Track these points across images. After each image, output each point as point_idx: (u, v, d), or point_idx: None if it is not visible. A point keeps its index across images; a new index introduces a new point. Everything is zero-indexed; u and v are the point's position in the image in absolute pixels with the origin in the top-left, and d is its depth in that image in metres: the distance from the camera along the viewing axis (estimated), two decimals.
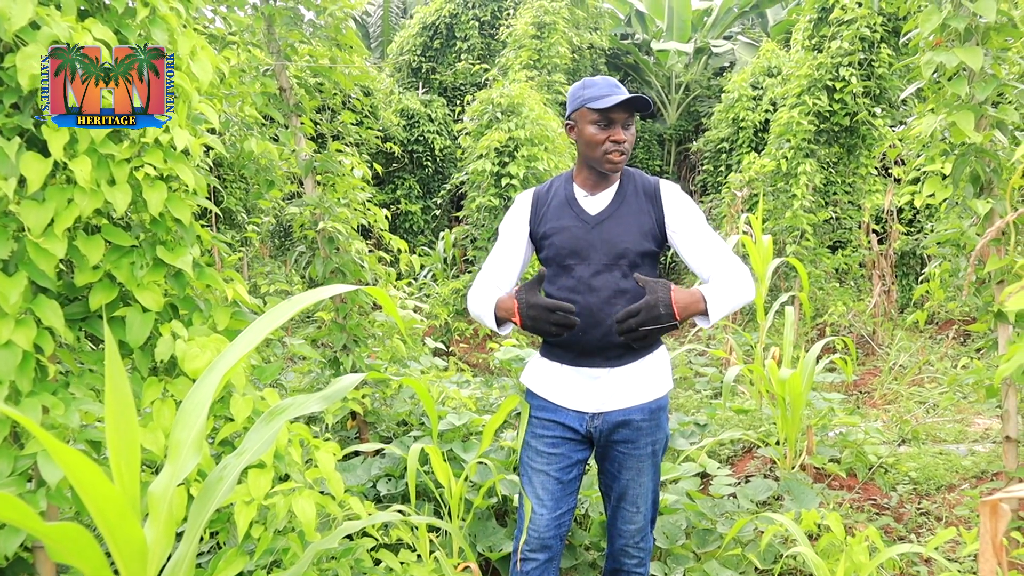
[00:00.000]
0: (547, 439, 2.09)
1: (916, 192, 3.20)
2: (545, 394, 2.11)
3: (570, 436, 2.08)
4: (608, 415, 2.05)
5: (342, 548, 2.10)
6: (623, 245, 2.00)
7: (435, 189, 11.21)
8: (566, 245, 2.04)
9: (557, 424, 2.08)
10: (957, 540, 2.95)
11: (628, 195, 2.07)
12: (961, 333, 6.89)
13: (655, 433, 2.09)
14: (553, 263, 2.08)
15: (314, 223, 3.44)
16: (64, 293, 1.95)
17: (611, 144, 1.98)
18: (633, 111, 1.99)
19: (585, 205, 2.07)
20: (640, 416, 2.05)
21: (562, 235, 2.05)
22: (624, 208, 2.04)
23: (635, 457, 2.08)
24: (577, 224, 2.04)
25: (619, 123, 1.99)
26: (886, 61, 6.95)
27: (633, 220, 2.03)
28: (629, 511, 2.13)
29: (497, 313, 2.03)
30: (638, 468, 2.09)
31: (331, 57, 3.51)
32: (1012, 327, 2.97)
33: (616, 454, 2.09)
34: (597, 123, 1.99)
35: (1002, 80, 2.86)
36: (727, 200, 8.12)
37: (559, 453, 2.08)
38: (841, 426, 4.05)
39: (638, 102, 1.95)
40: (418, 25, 12.44)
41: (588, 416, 2.06)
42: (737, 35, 15.54)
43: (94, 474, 1.03)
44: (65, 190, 1.76)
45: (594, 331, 1.99)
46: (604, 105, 1.94)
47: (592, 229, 2.03)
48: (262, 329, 1.29)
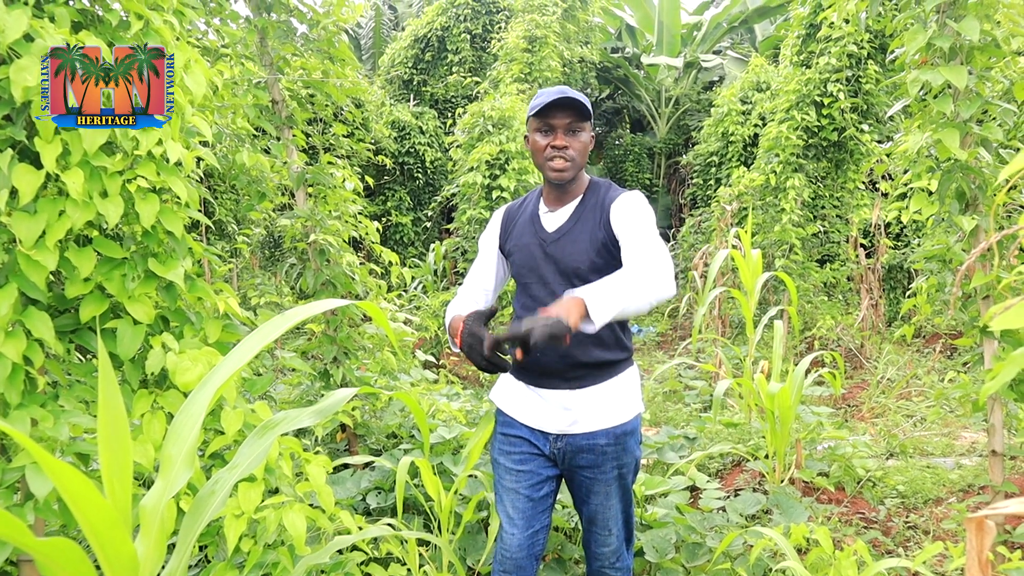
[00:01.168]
0: (514, 456, 2.05)
1: (903, 208, 3.24)
2: (509, 411, 2.07)
3: (536, 452, 2.04)
4: (571, 438, 1.98)
5: (332, 562, 2.09)
6: (575, 264, 1.93)
7: (426, 201, 11.23)
8: (524, 264, 2.01)
9: (523, 440, 2.04)
10: (944, 554, 2.97)
11: (587, 210, 1.98)
12: (948, 347, 6.95)
13: (622, 457, 2.01)
14: (516, 281, 2.07)
15: (305, 235, 3.44)
16: (54, 305, 1.94)
17: (551, 150, 1.92)
18: (575, 114, 1.91)
19: (545, 222, 2.03)
20: (605, 441, 1.97)
21: (521, 253, 2.03)
22: (579, 225, 1.97)
23: (601, 482, 2.01)
24: (534, 242, 2.01)
25: (560, 128, 1.91)
26: (873, 77, 7.04)
27: (586, 236, 1.95)
28: (601, 535, 2.08)
29: (449, 330, 1.94)
30: (606, 492, 2.02)
31: (324, 70, 3.52)
32: (997, 342, 3.00)
33: (582, 479, 2.03)
34: (539, 130, 1.94)
35: (986, 98, 2.90)
36: (716, 214, 8.17)
37: (527, 470, 2.03)
38: (829, 440, 4.07)
39: (572, 101, 1.87)
40: (410, 37, 12.49)
41: (552, 437, 2.01)
42: (726, 50, 15.70)
43: (85, 487, 1.02)
44: (57, 202, 1.76)
45: (551, 352, 1.92)
46: (537, 108, 1.90)
47: (548, 247, 1.98)
48: (255, 343, 1.29)
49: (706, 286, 6.56)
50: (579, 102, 1.89)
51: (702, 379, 6.24)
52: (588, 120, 1.95)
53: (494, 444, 2.14)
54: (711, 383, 5.93)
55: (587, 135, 1.96)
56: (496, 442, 2.12)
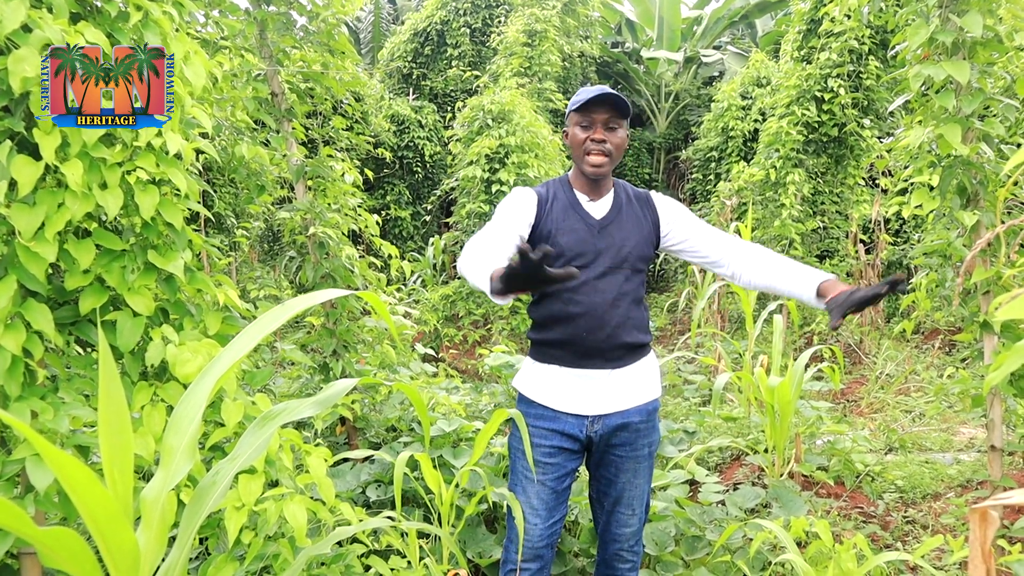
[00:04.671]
0: (544, 448, 2.08)
1: (904, 203, 3.24)
2: (543, 400, 2.09)
3: (567, 445, 2.08)
4: (607, 418, 2.06)
5: (333, 554, 2.09)
6: (627, 248, 2.03)
7: (425, 195, 11.21)
8: (573, 247, 2.02)
9: (556, 433, 2.07)
10: (943, 548, 2.97)
11: (624, 202, 2.10)
12: (947, 343, 6.96)
13: (651, 435, 2.13)
14: (556, 264, 2.03)
15: (304, 228, 3.44)
16: (54, 297, 1.94)
17: (591, 143, 1.99)
18: (614, 110, 1.98)
19: (589, 209, 2.08)
20: (638, 418, 2.08)
21: (569, 236, 2.03)
22: (624, 214, 2.07)
23: (633, 459, 2.11)
24: (584, 227, 2.04)
25: (600, 123, 1.99)
26: (874, 73, 7.02)
27: (634, 225, 2.06)
28: (625, 514, 2.15)
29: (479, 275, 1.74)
30: (635, 470, 2.12)
31: (323, 63, 3.51)
32: (997, 337, 3.01)
33: (614, 458, 2.11)
34: (579, 124, 2.01)
35: (988, 94, 2.90)
36: (716, 209, 8.17)
37: (555, 463, 2.08)
38: (829, 434, 4.07)
39: (612, 97, 1.95)
40: (409, 31, 12.45)
41: (588, 420, 2.06)
42: (726, 45, 15.66)
43: (87, 478, 1.02)
44: (56, 194, 1.75)
45: (598, 332, 2.00)
46: (581, 102, 1.97)
47: (599, 232, 2.04)
48: (255, 334, 1.28)
49: (705, 280, 6.54)
50: (619, 98, 1.97)
51: (701, 373, 6.25)
52: (626, 118, 2.03)
53: (516, 434, 2.14)
54: (710, 377, 5.93)
55: (624, 132, 2.05)
56: (525, 432, 2.10)
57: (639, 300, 2.08)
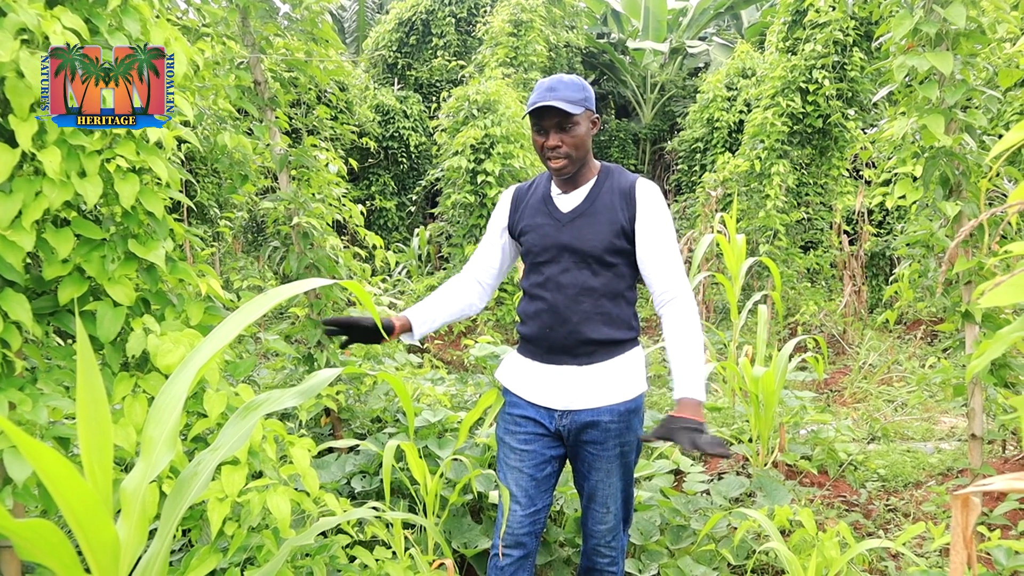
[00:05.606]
0: (519, 435, 2.09)
1: (887, 194, 3.25)
2: (516, 390, 2.12)
3: (542, 432, 2.08)
4: (576, 414, 2.02)
5: (317, 545, 2.08)
6: (591, 243, 1.97)
7: (410, 186, 11.16)
8: (537, 243, 2.04)
9: (528, 420, 2.08)
10: (924, 535, 3.01)
11: (602, 193, 2.02)
12: (929, 333, 7.02)
13: (625, 435, 2.05)
14: (527, 260, 2.10)
15: (288, 218, 3.41)
16: (32, 287, 1.91)
17: (547, 151, 1.96)
18: (563, 113, 1.91)
19: (559, 203, 2.06)
20: (609, 417, 2.01)
21: (534, 233, 2.05)
22: (596, 206, 2.00)
23: (604, 458, 2.05)
24: (549, 222, 2.04)
25: (552, 128, 1.93)
26: (858, 64, 7.05)
27: (604, 218, 1.98)
28: (599, 512, 2.12)
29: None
30: (607, 469, 2.07)
31: (307, 51, 3.47)
32: (979, 327, 3.03)
33: (585, 454, 2.08)
34: (535, 128, 1.98)
35: (971, 85, 2.91)
36: (701, 200, 8.19)
37: (531, 450, 2.08)
38: (812, 424, 4.10)
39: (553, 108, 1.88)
40: (394, 20, 12.37)
41: (557, 414, 2.05)
42: (712, 36, 15.68)
43: (66, 470, 1.01)
44: (33, 182, 1.72)
45: (560, 328, 1.99)
46: (528, 109, 1.93)
47: (563, 227, 2.01)
48: (237, 324, 1.27)
49: (691, 271, 6.58)
50: (562, 106, 1.88)
51: None
52: (580, 113, 1.94)
53: (500, 423, 2.18)
54: None
55: (582, 127, 1.96)
56: (502, 421, 2.16)
57: (615, 295, 2.00)
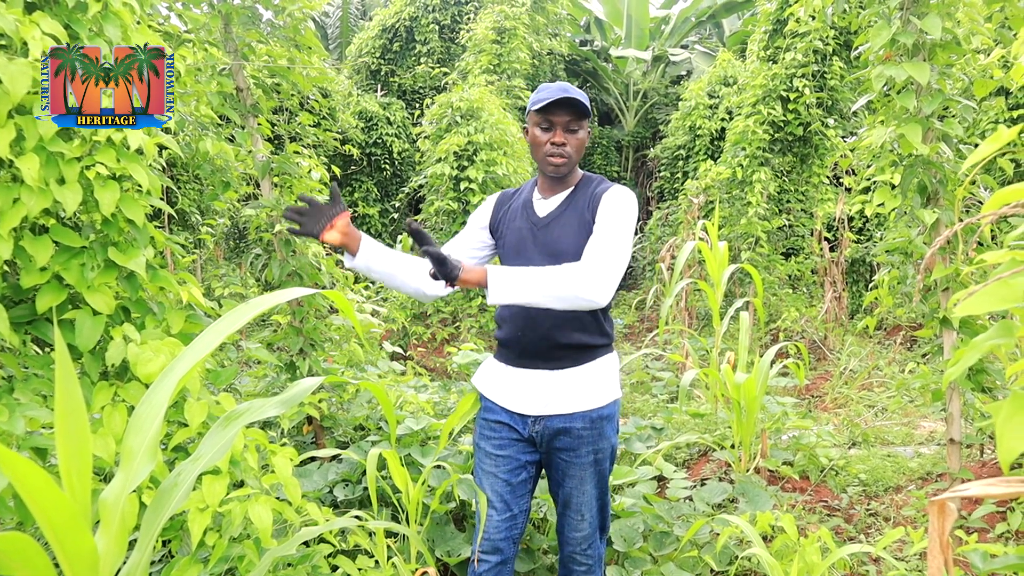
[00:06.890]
0: (494, 440, 2.10)
1: (866, 201, 3.29)
2: (490, 395, 2.13)
3: (516, 438, 2.08)
4: (548, 420, 2.03)
5: (299, 555, 2.07)
6: (561, 246, 1.99)
7: (393, 192, 11.14)
8: (513, 244, 2.09)
9: (503, 425, 2.09)
10: (904, 540, 3.03)
11: (577, 198, 2.05)
12: (908, 338, 7.10)
13: (598, 442, 2.05)
14: (503, 263, 2.14)
15: (271, 225, 3.39)
16: (9, 295, 1.88)
17: (551, 146, 1.99)
18: (575, 112, 1.97)
19: (537, 208, 2.10)
20: (580, 424, 2.02)
21: (512, 235, 2.10)
22: (569, 211, 2.04)
23: (577, 465, 2.05)
24: (526, 226, 2.08)
25: (560, 126, 1.98)
26: (838, 73, 7.14)
27: (576, 222, 2.01)
28: (574, 519, 2.12)
29: None
30: (580, 476, 2.06)
31: (289, 58, 3.46)
32: (956, 333, 3.07)
33: (559, 461, 2.08)
34: (540, 125, 2.00)
35: (947, 95, 2.96)
36: (683, 207, 8.23)
37: (506, 455, 2.09)
38: (794, 429, 4.13)
39: (571, 101, 1.93)
40: (377, 27, 12.36)
41: (530, 419, 2.06)
42: (694, 44, 15.81)
43: (43, 481, 0.99)
44: (11, 188, 1.70)
45: (532, 332, 2.02)
46: (541, 105, 1.96)
47: (538, 231, 2.05)
48: (219, 333, 1.26)
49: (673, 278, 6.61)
50: (579, 101, 1.95)
51: (669, 370, 6.30)
52: (587, 118, 2.01)
53: (476, 428, 2.19)
54: (678, 374, 5.98)
55: (585, 132, 2.04)
56: (478, 427, 2.17)
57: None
